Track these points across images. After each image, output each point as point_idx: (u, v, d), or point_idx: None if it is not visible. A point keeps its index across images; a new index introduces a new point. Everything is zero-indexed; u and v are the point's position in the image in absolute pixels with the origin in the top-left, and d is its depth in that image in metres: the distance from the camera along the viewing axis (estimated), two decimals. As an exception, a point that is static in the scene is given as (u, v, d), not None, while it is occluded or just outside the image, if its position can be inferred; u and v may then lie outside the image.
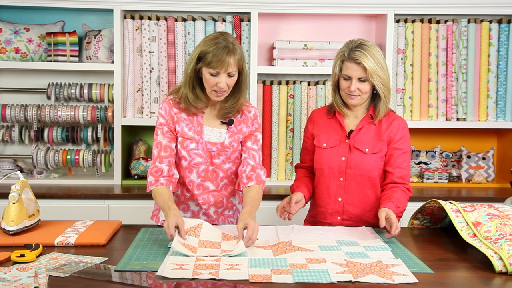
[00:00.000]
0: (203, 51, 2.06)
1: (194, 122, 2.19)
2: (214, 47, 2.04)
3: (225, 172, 2.23)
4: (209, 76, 2.07)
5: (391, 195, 2.18)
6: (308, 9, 3.29)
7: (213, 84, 2.07)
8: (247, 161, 2.21)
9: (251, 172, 2.18)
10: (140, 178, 3.36)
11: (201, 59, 2.07)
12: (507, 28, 3.35)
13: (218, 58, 2.03)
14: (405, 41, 3.35)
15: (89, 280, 1.61)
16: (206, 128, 2.20)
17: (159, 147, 2.18)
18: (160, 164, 2.15)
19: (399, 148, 2.27)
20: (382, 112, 2.26)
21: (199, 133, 2.18)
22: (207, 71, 2.06)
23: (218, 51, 2.03)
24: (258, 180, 2.18)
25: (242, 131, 2.23)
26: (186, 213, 2.27)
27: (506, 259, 1.71)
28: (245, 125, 2.23)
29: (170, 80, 3.33)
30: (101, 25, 3.50)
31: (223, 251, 1.84)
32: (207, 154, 2.19)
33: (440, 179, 3.41)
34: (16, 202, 1.97)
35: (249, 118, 2.24)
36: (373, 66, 2.15)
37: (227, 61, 2.03)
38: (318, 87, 3.37)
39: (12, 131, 3.38)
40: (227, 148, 2.20)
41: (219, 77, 2.06)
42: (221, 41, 2.06)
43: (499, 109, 3.39)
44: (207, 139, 2.19)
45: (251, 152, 2.23)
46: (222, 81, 2.06)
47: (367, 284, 1.60)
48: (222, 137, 2.20)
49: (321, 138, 2.33)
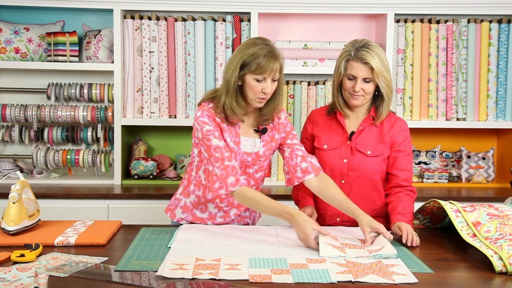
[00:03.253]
0: (247, 58, 2.02)
1: (233, 132, 2.14)
2: (258, 53, 2.01)
3: (256, 180, 2.22)
4: (255, 83, 2.03)
5: (396, 206, 2.15)
6: (308, 9, 3.29)
7: (259, 90, 2.03)
8: (295, 153, 2.19)
9: (304, 163, 2.16)
10: (140, 178, 3.36)
11: (245, 66, 2.03)
12: (507, 28, 3.35)
13: (265, 63, 2.00)
14: (405, 41, 3.35)
15: (89, 280, 1.61)
16: (242, 138, 2.15)
17: (220, 150, 2.06)
18: (229, 162, 2.05)
19: (402, 150, 2.25)
20: (384, 113, 2.25)
21: (237, 144, 2.14)
22: (253, 77, 2.03)
23: (264, 57, 2.00)
24: (315, 169, 2.15)
25: (274, 138, 2.20)
26: (203, 213, 2.25)
27: (506, 259, 1.71)
28: (277, 131, 2.20)
29: (170, 80, 3.33)
30: (101, 25, 3.50)
31: (370, 251, 1.84)
32: (242, 164, 2.16)
33: (440, 179, 3.41)
34: (16, 202, 1.97)
35: (281, 124, 2.21)
36: (379, 66, 2.14)
37: (274, 67, 2.01)
38: (318, 87, 3.37)
39: (12, 131, 3.38)
40: (261, 158, 2.18)
41: (265, 82, 2.03)
42: (264, 46, 2.03)
43: (499, 109, 3.39)
44: (243, 150, 2.15)
45: (294, 146, 2.20)
46: (269, 87, 2.03)
47: (367, 284, 1.60)
48: (257, 147, 2.17)
49: (322, 139, 2.31)
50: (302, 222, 1.89)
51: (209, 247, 1.90)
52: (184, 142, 3.56)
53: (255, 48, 2.02)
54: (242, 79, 2.06)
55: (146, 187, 3.23)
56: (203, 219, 2.25)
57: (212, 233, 2.08)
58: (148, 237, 2.04)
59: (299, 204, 2.34)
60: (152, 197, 3.06)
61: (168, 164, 3.49)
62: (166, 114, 3.35)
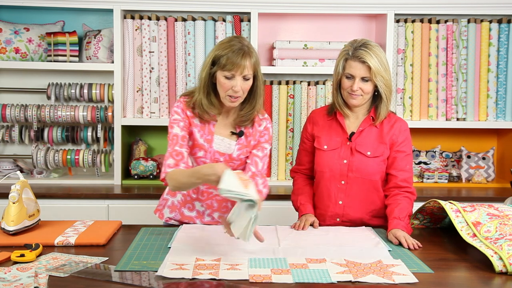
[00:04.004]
0: (217, 54, 2.02)
1: (206, 129, 2.14)
2: (228, 49, 2.00)
3: None
4: (224, 80, 2.01)
5: (393, 210, 2.13)
6: (308, 9, 3.29)
7: (228, 87, 2.02)
8: (248, 167, 2.15)
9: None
10: (140, 178, 3.36)
11: (216, 62, 2.03)
12: (507, 28, 3.35)
13: (233, 60, 1.98)
14: (405, 41, 3.35)
15: (89, 280, 1.61)
16: (216, 137, 2.14)
17: (176, 138, 2.07)
18: (180, 148, 2.05)
19: (402, 150, 2.25)
20: (383, 114, 2.24)
21: (209, 142, 2.13)
22: (222, 74, 2.01)
23: (233, 53, 1.99)
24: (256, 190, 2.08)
25: (250, 144, 2.17)
26: (191, 212, 2.26)
27: (506, 259, 1.71)
28: (253, 138, 2.18)
29: (170, 80, 3.33)
30: (101, 25, 3.50)
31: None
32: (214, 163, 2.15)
33: (440, 179, 3.41)
34: (16, 202, 1.97)
35: (258, 131, 2.17)
36: (377, 65, 2.14)
37: (243, 63, 1.99)
38: (318, 87, 3.37)
39: (12, 131, 3.38)
40: (234, 160, 2.16)
41: (234, 80, 2.01)
42: (236, 43, 2.02)
43: (499, 109, 3.40)
44: (216, 148, 2.14)
45: (254, 158, 2.16)
46: (238, 84, 2.00)
47: (367, 284, 1.60)
48: (231, 149, 2.15)
49: (322, 140, 2.31)
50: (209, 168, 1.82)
51: (209, 247, 1.90)
52: (184, 142, 3.56)
53: (226, 45, 2.02)
54: (215, 76, 2.05)
55: (146, 187, 3.23)
56: (192, 218, 2.25)
57: (212, 233, 2.08)
58: (148, 237, 2.04)
59: (299, 211, 2.34)
60: (152, 197, 3.05)
61: (168, 164, 3.48)
62: (166, 114, 3.35)
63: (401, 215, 2.10)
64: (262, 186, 2.13)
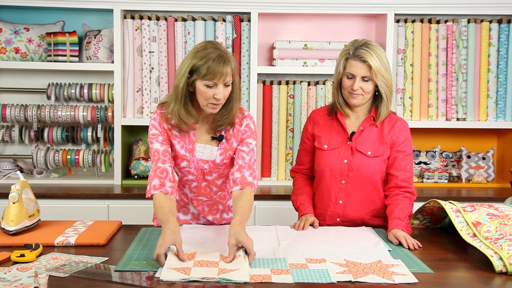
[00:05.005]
0: (196, 63, 1.93)
1: (186, 139, 2.09)
2: (207, 57, 1.92)
3: (218, 186, 2.19)
4: (205, 89, 1.94)
5: (393, 210, 2.13)
6: (308, 9, 3.29)
7: (210, 96, 1.95)
8: (236, 161, 2.08)
9: (237, 173, 2.04)
10: (140, 178, 3.36)
11: (194, 71, 1.94)
12: (507, 28, 3.35)
13: (214, 68, 1.90)
14: (405, 41, 3.35)
15: (89, 280, 1.61)
16: (197, 145, 2.10)
17: (157, 154, 2.05)
18: (163, 164, 2.03)
19: (402, 150, 2.25)
20: (384, 114, 2.24)
21: (190, 151, 2.09)
22: (203, 83, 1.93)
23: (213, 61, 1.91)
24: (243, 183, 2.01)
25: (232, 146, 2.12)
26: (186, 215, 2.26)
27: (506, 259, 1.71)
28: (235, 139, 2.11)
29: (170, 80, 3.33)
30: (101, 25, 3.50)
31: (221, 271, 1.65)
32: (199, 172, 2.13)
33: (440, 179, 3.41)
34: (16, 202, 1.97)
35: (240, 131, 2.11)
36: (378, 65, 2.14)
37: (224, 71, 1.92)
38: (318, 87, 3.37)
39: (12, 131, 3.38)
40: (219, 166, 2.13)
41: (216, 88, 1.94)
42: (213, 51, 1.93)
43: (499, 109, 3.40)
44: (198, 157, 2.10)
45: (239, 153, 2.09)
46: (220, 92, 1.94)
47: (367, 284, 1.60)
48: (214, 155, 2.11)
49: (322, 139, 2.31)
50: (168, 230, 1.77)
51: (209, 247, 1.90)
52: (184, 142, 3.56)
53: (205, 53, 1.93)
54: (193, 86, 1.98)
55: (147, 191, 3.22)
56: (187, 221, 2.26)
57: (212, 233, 2.08)
58: (148, 237, 2.04)
59: (298, 211, 2.34)
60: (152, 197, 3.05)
61: (168, 164, 3.48)
62: (166, 114, 3.34)
63: (401, 215, 2.11)
64: (251, 177, 2.04)
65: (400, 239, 2.00)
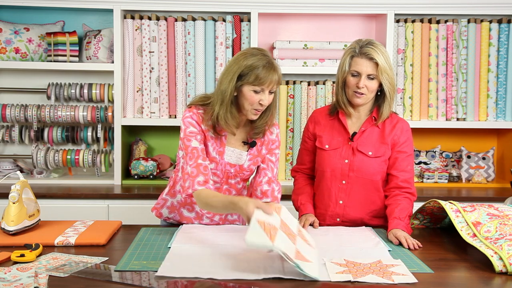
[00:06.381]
0: (245, 69, 1.97)
1: (218, 141, 2.11)
2: (257, 63, 1.96)
3: (238, 190, 2.21)
4: (252, 94, 1.98)
5: (393, 210, 2.13)
6: (308, 9, 3.29)
7: (255, 101, 1.99)
8: (264, 172, 2.15)
9: (266, 185, 2.13)
10: (140, 178, 3.36)
11: (242, 76, 1.98)
12: (507, 28, 3.35)
13: (264, 74, 1.95)
14: (405, 41, 3.35)
15: (89, 280, 1.61)
16: (228, 148, 2.12)
17: (196, 151, 2.03)
18: (204, 161, 2.03)
19: (403, 151, 2.25)
20: (386, 113, 2.24)
21: (220, 154, 2.11)
22: (250, 88, 1.97)
23: (264, 68, 1.95)
24: (273, 197, 2.12)
25: (261, 153, 2.16)
26: (190, 213, 2.25)
27: (506, 259, 1.71)
28: (265, 146, 2.17)
29: (170, 80, 3.33)
30: (101, 25, 3.50)
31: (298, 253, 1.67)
32: (224, 174, 2.14)
33: (440, 179, 3.41)
34: (16, 202, 1.97)
35: (270, 140, 2.17)
36: (384, 63, 2.15)
37: (274, 78, 1.97)
38: (318, 87, 3.37)
39: (12, 131, 3.38)
40: (245, 171, 2.16)
41: (263, 94, 1.98)
42: (262, 57, 1.98)
43: (499, 109, 3.40)
44: (227, 160, 2.12)
45: (269, 163, 2.16)
46: (266, 98, 1.98)
47: (367, 284, 1.60)
48: (242, 160, 2.14)
49: (324, 139, 2.31)
50: (243, 205, 1.76)
51: (209, 247, 1.90)
52: (184, 142, 3.56)
53: (254, 59, 1.97)
54: (238, 90, 2.01)
55: (146, 187, 3.23)
56: (190, 219, 2.25)
57: (212, 233, 2.08)
58: (148, 237, 2.04)
59: (299, 211, 2.34)
60: (152, 197, 3.04)
61: (168, 164, 3.49)
62: (166, 114, 3.35)
63: (402, 216, 2.10)
64: (278, 193, 2.15)
65: (400, 239, 1.99)
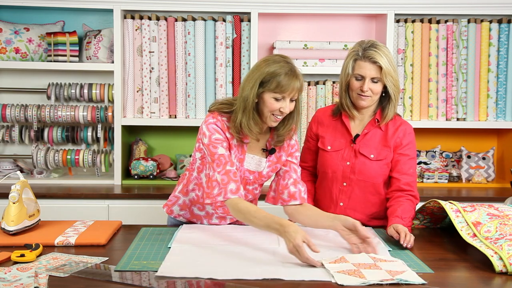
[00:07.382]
0: (266, 76, 1.94)
1: (240, 148, 2.08)
2: (279, 70, 1.93)
3: (254, 195, 2.21)
4: (273, 101, 1.95)
5: (395, 209, 2.12)
6: (308, 9, 3.29)
7: (276, 108, 1.96)
8: (289, 174, 2.13)
9: (293, 187, 2.12)
10: (140, 178, 3.36)
11: (264, 83, 1.95)
12: (507, 28, 3.35)
13: (286, 82, 1.92)
14: (405, 41, 3.35)
15: (89, 280, 1.61)
16: (248, 155, 2.10)
17: (224, 158, 1.99)
18: (232, 167, 2.00)
19: (406, 154, 2.23)
20: (390, 115, 2.22)
21: (241, 161, 2.09)
22: (272, 95, 1.94)
23: (286, 75, 1.92)
24: (301, 198, 2.11)
25: (281, 159, 2.15)
26: (201, 211, 2.24)
27: (506, 259, 1.71)
28: (285, 153, 2.15)
29: (170, 80, 3.33)
30: (101, 25, 3.50)
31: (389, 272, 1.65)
32: (243, 181, 2.12)
33: (440, 179, 3.41)
34: (16, 202, 1.97)
35: (290, 145, 2.15)
36: (387, 65, 2.12)
37: (296, 86, 1.94)
38: (318, 87, 3.37)
39: (12, 131, 3.38)
40: (263, 178, 2.15)
41: (283, 101, 1.95)
42: (285, 64, 1.95)
43: (499, 109, 3.40)
44: (246, 167, 2.11)
45: (292, 165, 2.15)
46: (287, 106, 1.96)
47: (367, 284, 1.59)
48: (261, 167, 2.13)
49: (326, 140, 2.30)
50: (292, 233, 1.73)
51: (209, 247, 1.90)
52: (184, 142, 3.56)
53: (276, 66, 1.94)
54: (259, 97, 1.98)
55: (146, 187, 3.23)
56: (200, 217, 2.24)
57: (212, 233, 2.08)
58: (148, 237, 2.04)
59: None
60: (152, 197, 3.06)
61: (168, 164, 3.49)
62: (166, 114, 3.35)
63: (404, 215, 2.09)
64: (304, 193, 2.14)
65: (400, 232, 1.97)
